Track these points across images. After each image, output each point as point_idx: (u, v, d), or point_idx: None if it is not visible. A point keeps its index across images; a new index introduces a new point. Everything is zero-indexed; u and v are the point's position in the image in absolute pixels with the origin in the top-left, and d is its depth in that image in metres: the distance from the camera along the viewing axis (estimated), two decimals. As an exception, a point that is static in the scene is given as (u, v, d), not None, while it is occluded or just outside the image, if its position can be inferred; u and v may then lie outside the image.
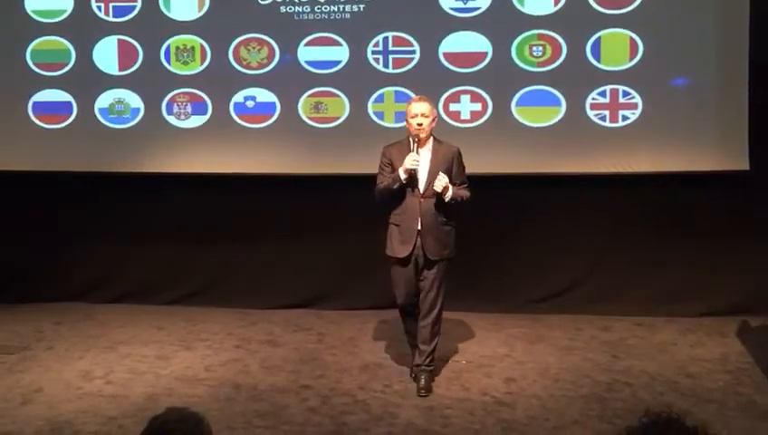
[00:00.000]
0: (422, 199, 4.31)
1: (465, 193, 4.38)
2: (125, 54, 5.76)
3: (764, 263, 5.43)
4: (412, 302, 4.44)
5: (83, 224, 5.98)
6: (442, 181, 4.24)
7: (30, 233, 5.97)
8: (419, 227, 4.30)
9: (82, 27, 5.78)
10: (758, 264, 5.44)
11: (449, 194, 4.28)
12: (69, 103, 5.84)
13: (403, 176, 4.25)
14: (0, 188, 5.89)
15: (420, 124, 4.26)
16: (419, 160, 4.25)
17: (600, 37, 5.40)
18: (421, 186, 4.31)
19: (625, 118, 5.46)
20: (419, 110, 4.28)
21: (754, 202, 5.42)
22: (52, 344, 5.17)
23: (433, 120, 4.34)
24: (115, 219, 5.97)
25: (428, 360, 4.38)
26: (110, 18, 5.75)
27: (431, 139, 4.37)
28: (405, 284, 4.39)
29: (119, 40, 5.76)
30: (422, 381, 4.35)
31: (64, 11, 5.79)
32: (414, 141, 4.28)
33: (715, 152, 5.39)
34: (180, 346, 5.12)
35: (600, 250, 5.67)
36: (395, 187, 4.29)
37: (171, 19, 5.71)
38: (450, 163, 4.36)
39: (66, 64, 5.82)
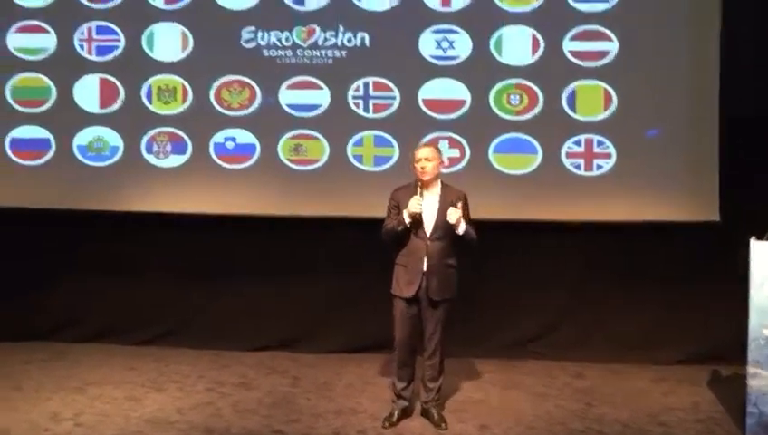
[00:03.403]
0: (429, 242, 4.38)
1: (473, 232, 4.47)
2: (106, 93, 5.78)
3: (735, 311, 5.49)
4: (411, 342, 4.50)
5: (56, 261, 5.91)
6: (455, 213, 4.34)
7: (1, 270, 5.89)
8: (425, 269, 4.38)
9: (64, 65, 5.81)
10: (730, 312, 5.49)
11: (462, 226, 4.38)
12: (47, 140, 5.83)
13: (407, 219, 4.35)
14: (-28, 223, 5.84)
15: (423, 168, 4.39)
16: (422, 204, 4.35)
17: (575, 88, 5.54)
18: (428, 229, 4.39)
19: (599, 167, 5.57)
20: (423, 154, 4.43)
21: (726, 251, 5.50)
22: (20, 384, 5.06)
23: (438, 164, 4.46)
24: (89, 257, 5.91)
25: (437, 396, 4.58)
26: (93, 57, 5.79)
27: (438, 183, 4.48)
28: (408, 322, 4.46)
29: (100, 79, 5.79)
30: (436, 417, 4.52)
31: (47, 49, 5.83)
32: (419, 185, 4.38)
33: (687, 202, 5.50)
34: (151, 388, 5.05)
35: (573, 296, 5.72)
36: (399, 229, 4.38)
37: (154, 60, 5.76)
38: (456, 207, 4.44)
39: (46, 101, 5.83)
